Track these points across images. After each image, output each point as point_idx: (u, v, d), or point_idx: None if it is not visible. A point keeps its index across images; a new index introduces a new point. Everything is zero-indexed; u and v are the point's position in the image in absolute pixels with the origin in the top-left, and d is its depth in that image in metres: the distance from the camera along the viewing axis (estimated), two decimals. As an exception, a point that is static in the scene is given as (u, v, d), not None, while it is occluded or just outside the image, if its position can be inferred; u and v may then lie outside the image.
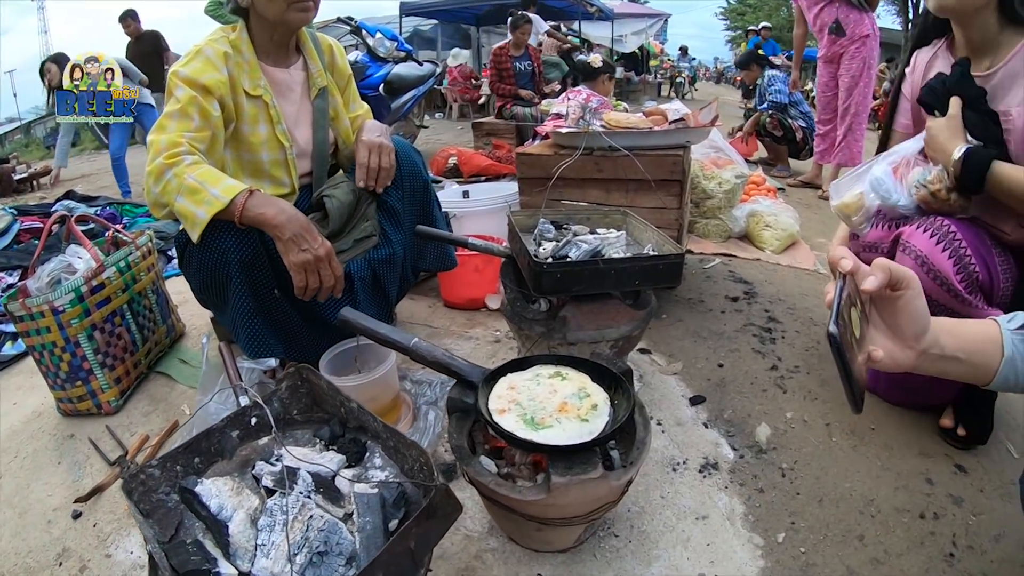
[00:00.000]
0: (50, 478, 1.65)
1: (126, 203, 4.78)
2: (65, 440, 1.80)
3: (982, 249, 1.44)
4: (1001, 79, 1.47)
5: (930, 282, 1.43)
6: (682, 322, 2.23)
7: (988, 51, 1.50)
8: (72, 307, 1.75)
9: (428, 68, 5.73)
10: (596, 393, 1.14)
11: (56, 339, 1.76)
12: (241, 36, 1.70)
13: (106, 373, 1.84)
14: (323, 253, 1.47)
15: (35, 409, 1.99)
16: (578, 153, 2.06)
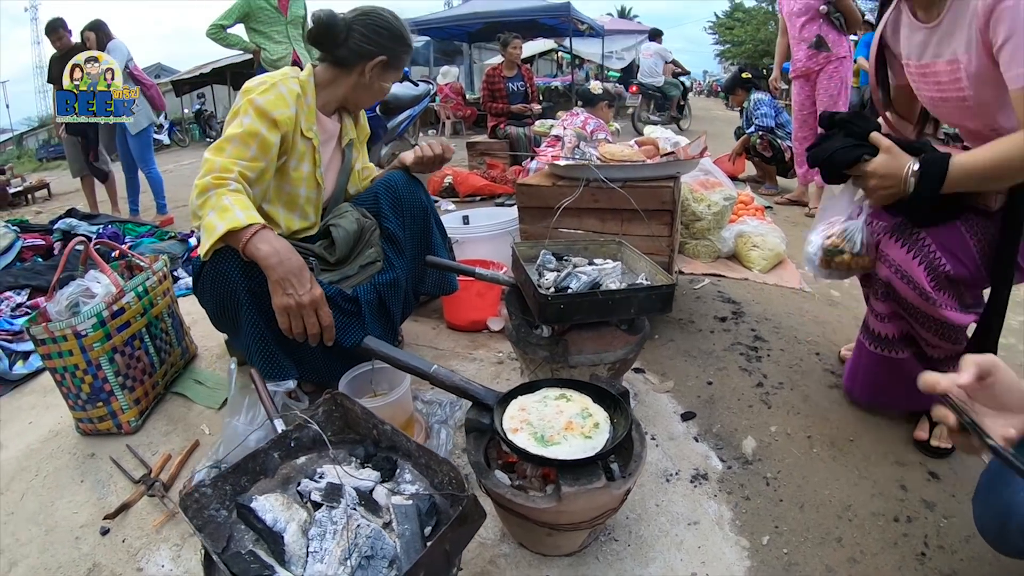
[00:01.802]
0: (74, 496, 1.71)
1: (128, 222, 4.82)
2: (86, 459, 1.86)
3: (954, 243, 1.51)
4: (947, 25, 1.48)
5: (905, 287, 1.54)
6: (674, 342, 2.34)
7: (933, 3, 1.51)
8: (94, 331, 1.82)
9: (423, 88, 5.81)
10: (597, 413, 1.27)
11: (78, 362, 1.83)
12: (309, 82, 1.85)
13: (126, 394, 1.91)
14: (307, 300, 1.54)
15: (52, 428, 2.05)
16: (579, 191, 2.19)
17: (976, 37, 1.39)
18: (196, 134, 20.16)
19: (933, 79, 1.56)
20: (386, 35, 1.87)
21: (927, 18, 1.54)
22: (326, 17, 1.86)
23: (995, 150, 1.38)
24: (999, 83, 1.38)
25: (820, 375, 2.13)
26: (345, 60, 1.87)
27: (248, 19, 4.68)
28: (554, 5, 12.20)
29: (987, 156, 1.38)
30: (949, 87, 1.51)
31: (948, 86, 1.52)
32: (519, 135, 5.99)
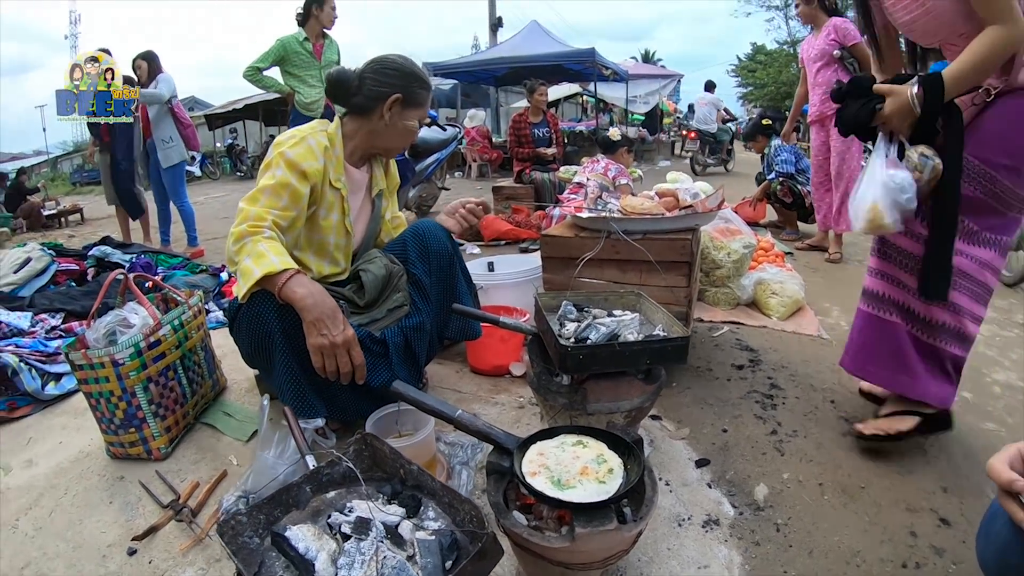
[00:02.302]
0: (103, 516, 1.75)
1: (161, 252, 4.91)
2: (115, 481, 1.91)
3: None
4: None
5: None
6: (690, 390, 2.37)
7: None
8: (131, 360, 1.89)
9: (451, 132, 5.96)
10: (612, 459, 1.32)
11: (114, 389, 1.90)
12: (336, 134, 1.97)
13: (158, 422, 1.97)
14: (340, 341, 1.65)
15: (82, 449, 2.10)
16: (600, 245, 2.28)
17: None
18: (227, 167, 20.58)
19: (900, 3, 1.79)
20: (396, 74, 1.96)
21: None
22: (336, 73, 2.00)
23: (972, 51, 1.64)
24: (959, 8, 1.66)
25: (834, 423, 2.15)
26: (363, 107, 1.97)
27: (284, 63, 4.84)
28: (579, 51, 12.50)
29: (968, 59, 1.64)
30: (913, 5, 1.75)
31: (912, 5, 1.75)
32: (544, 180, 6.11)
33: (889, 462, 1.94)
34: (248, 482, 1.63)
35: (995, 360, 2.88)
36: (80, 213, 11.33)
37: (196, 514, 1.70)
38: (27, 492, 1.91)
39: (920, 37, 1.91)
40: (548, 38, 13.62)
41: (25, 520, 1.78)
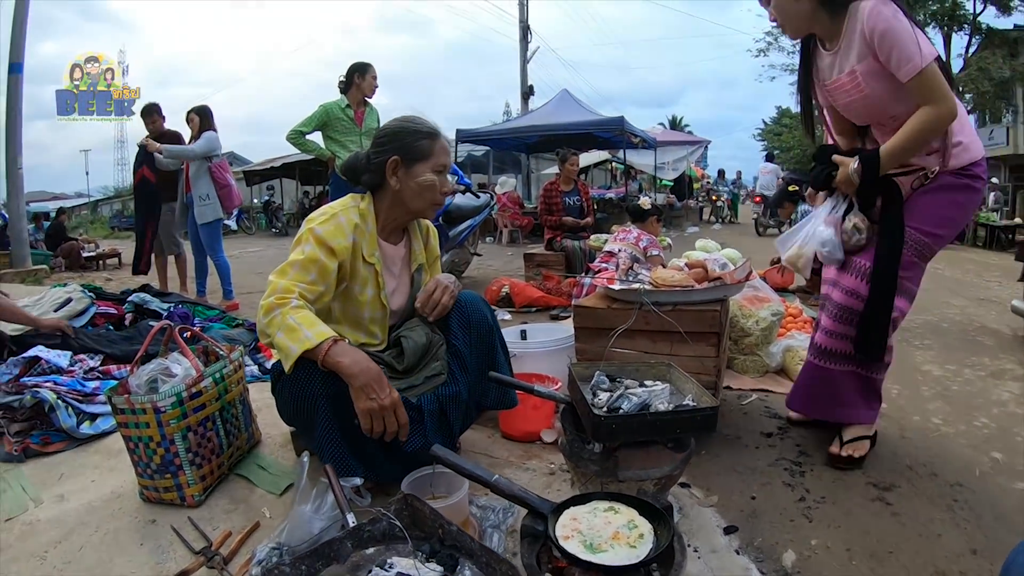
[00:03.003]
0: (133, 556, 1.77)
1: (198, 304, 4.98)
2: (147, 524, 1.92)
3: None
4: (843, 48, 2.06)
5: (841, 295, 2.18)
6: (719, 457, 2.38)
7: (832, 35, 2.10)
8: (172, 409, 1.93)
9: (484, 199, 6.07)
10: (642, 525, 1.36)
11: (154, 435, 1.94)
12: (368, 209, 2.02)
13: (194, 470, 2.00)
14: (388, 403, 1.71)
15: (114, 490, 2.13)
16: (632, 318, 2.34)
17: (864, 49, 1.98)
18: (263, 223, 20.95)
19: (842, 89, 2.13)
20: (388, 138, 2.01)
21: (831, 46, 2.12)
22: (348, 159, 2.10)
23: (906, 130, 1.96)
24: (886, 78, 1.97)
25: (862, 488, 2.14)
26: (374, 181, 2.03)
27: (326, 128, 5.03)
28: (609, 119, 12.67)
29: (902, 136, 1.97)
30: (853, 91, 2.09)
31: (852, 91, 2.09)
32: (575, 248, 6.19)
33: (916, 525, 1.93)
34: (283, 535, 1.65)
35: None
36: (118, 258, 11.59)
37: (228, 562, 1.72)
38: (57, 526, 1.94)
39: (855, 118, 2.25)
40: (578, 106, 13.91)
41: (55, 553, 1.81)
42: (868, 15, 1.92)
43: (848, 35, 2.03)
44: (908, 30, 1.90)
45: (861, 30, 1.96)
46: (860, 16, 1.96)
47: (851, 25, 2.01)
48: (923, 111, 1.92)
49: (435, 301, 2.05)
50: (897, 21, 1.90)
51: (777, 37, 23.12)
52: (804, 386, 2.40)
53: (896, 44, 1.89)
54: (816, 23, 2.11)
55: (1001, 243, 13.34)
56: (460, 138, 13.41)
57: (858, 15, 1.97)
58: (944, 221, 2.11)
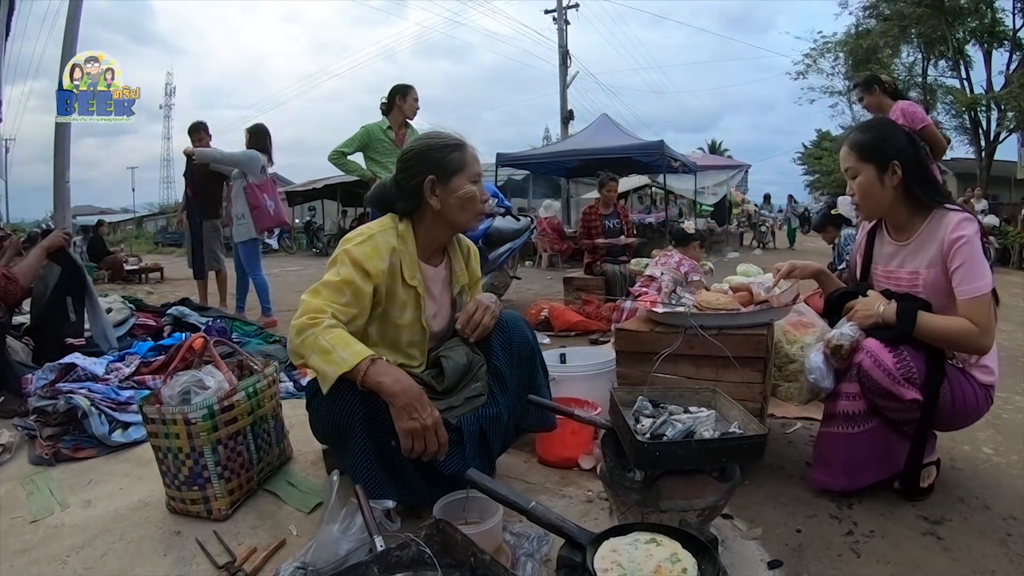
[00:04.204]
0: (155, 567, 1.76)
1: (236, 319, 5.05)
2: (172, 535, 1.92)
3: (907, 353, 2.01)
4: (913, 247, 2.10)
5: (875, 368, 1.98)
6: (763, 488, 2.29)
7: (905, 228, 2.14)
8: (203, 421, 1.93)
9: (524, 222, 6.05)
10: (686, 559, 1.28)
11: (183, 446, 1.94)
12: (407, 232, 1.98)
13: (222, 484, 1.99)
14: (430, 423, 1.68)
15: (142, 499, 2.14)
16: (678, 342, 2.28)
17: (936, 258, 2.01)
18: (304, 243, 21.40)
19: (896, 280, 2.17)
20: (417, 159, 1.98)
21: (899, 238, 2.17)
22: (374, 191, 2.10)
23: (942, 326, 1.98)
24: (946, 294, 2.00)
25: (912, 521, 2.04)
26: (409, 207, 2.00)
27: (367, 149, 5.07)
28: (648, 143, 12.62)
29: (938, 329, 1.98)
30: (907, 287, 2.12)
31: (906, 286, 2.12)
32: (615, 272, 6.13)
33: (969, 561, 1.83)
34: (309, 554, 1.61)
35: None
36: (160, 272, 11.87)
37: (250, 579, 1.69)
38: (82, 531, 1.95)
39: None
40: (618, 131, 13.85)
41: (76, 558, 1.81)
42: (956, 226, 1.97)
43: (923, 237, 2.07)
44: (983, 255, 1.96)
45: (943, 239, 1.99)
46: (946, 224, 2.00)
47: (930, 228, 2.05)
48: (967, 325, 1.94)
49: (476, 322, 2.00)
50: (978, 241, 1.96)
51: (816, 59, 23.05)
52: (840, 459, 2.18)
53: (970, 261, 1.94)
54: (893, 212, 2.15)
55: (1047, 267, 12.97)
56: (500, 162, 13.51)
57: (943, 223, 2.01)
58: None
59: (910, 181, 2.05)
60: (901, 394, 1.96)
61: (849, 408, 2.09)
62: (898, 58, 21.59)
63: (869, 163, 2.07)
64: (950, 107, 21.25)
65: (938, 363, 2.01)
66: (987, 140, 20.25)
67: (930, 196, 2.07)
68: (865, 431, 2.09)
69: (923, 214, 2.07)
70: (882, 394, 1.99)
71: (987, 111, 20.08)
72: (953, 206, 2.05)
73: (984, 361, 2.07)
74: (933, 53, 20.96)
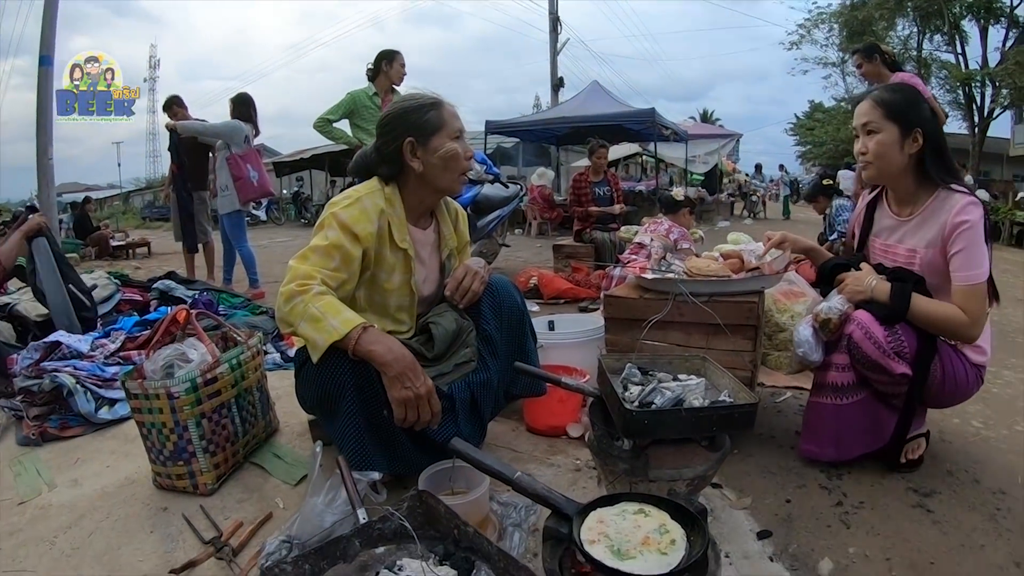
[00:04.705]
0: (141, 544, 1.75)
1: (223, 291, 5.03)
2: (159, 511, 1.92)
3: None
4: (916, 224, 2.06)
5: (866, 341, 1.96)
6: (752, 457, 2.29)
7: (908, 201, 2.10)
8: (186, 395, 1.92)
9: (513, 190, 6.00)
10: (675, 530, 1.26)
11: (167, 420, 1.92)
12: (394, 194, 1.94)
13: (207, 458, 1.98)
14: (423, 392, 1.65)
15: (128, 476, 2.13)
16: (667, 308, 2.25)
17: (936, 238, 1.98)
18: (292, 214, 21.33)
19: (893, 256, 2.14)
20: (393, 123, 1.93)
21: (900, 212, 2.13)
22: (355, 160, 2.06)
23: (934, 311, 1.95)
24: (942, 274, 1.99)
25: (902, 494, 2.05)
26: (392, 171, 1.96)
27: (353, 116, 4.99)
28: (639, 111, 12.61)
29: (929, 314, 1.95)
30: (902, 262, 2.09)
31: (902, 262, 2.09)
32: (604, 240, 6.13)
33: (958, 534, 1.83)
34: (294, 527, 1.60)
35: None
36: (148, 247, 11.80)
37: (237, 553, 1.68)
38: (69, 511, 1.94)
39: None
40: (609, 98, 13.76)
41: (64, 538, 1.80)
42: (961, 209, 1.93)
43: (926, 214, 2.04)
44: (984, 242, 1.93)
45: (945, 220, 1.96)
46: (951, 206, 1.96)
47: (934, 206, 2.02)
48: (957, 312, 1.93)
49: (465, 288, 1.98)
50: (982, 227, 1.93)
51: (810, 29, 22.87)
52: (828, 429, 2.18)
53: (971, 248, 1.92)
54: (899, 181, 2.10)
55: (1039, 243, 13.07)
56: (489, 130, 13.39)
57: (948, 203, 1.98)
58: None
59: (928, 153, 2.00)
60: (891, 368, 1.94)
61: (838, 379, 2.07)
62: (893, 31, 21.32)
63: (894, 123, 2.01)
64: (944, 82, 21.07)
65: (930, 339, 1.99)
66: (980, 116, 20.19)
67: (941, 174, 2.02)
68: (854, 402, 2.07)
69: (929, 190, 2.04)
70: (871, 367, 1.97)
71: (982, 87, 20.00)
72: (960, 188, 2.00)
73: (978, 341, 2.05)
74: (929, 27, 20.72)
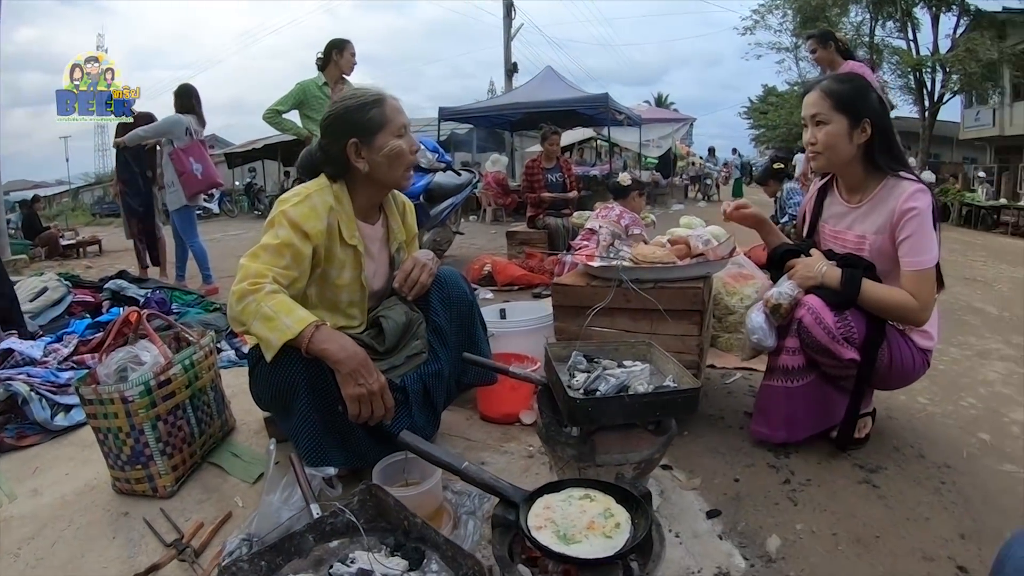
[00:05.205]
0: (104, 551, 1.75)
1: (176, 289, 4.95)
2: (119, 517, 1.91)
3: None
4: (865, 211, 2.10)
5: (816, 326, 1.99)
6: (702, 438, 2.34)
7: (858, 189, 2.15)
8: (141, 398, 1.90)
9: (466, 177, 6.00)
10: (619, 513, 1.31)
11: (123, 425, 1.91)
12: (342, 191, 1.95)
13: (165, 460, 1.97)
14: (376, 388, 1.68)
15: (88, 482, 2.11)
16: (610, 296, 2.30)
17: (885, 225, 2.02)
18: (245, 206, 20.92)
19: (842, 242, 2.18)
20: (335, 123, 1.93)
21: (850, 199, 2.17)
22: (301, 158, 2.06)
23: (884, 296, 1.99)
24: (890, 259, 2.03)
25: (848, 470, 2.12)
26: (338, 170, 1.96)
27: (303, 106, 4.92)
28: (593, 96, 12.65)
29: (879, 299, 1.99)
30: (852, 249, 2.13)
31: (851, 248, 2.13)
32: (558, 226, 6.14)
33: (903, 508, 1.91)
34: (252, 525, 1.62)
35: (1012, 399, 2.85)
36: (99, 244, 11.50)
37: (199, 554, 1.69)
38: (31, 521, 1.92)
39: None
40: (562, 83, 13.85)
41: (27, 549, 1.79)
42: (909, 196, 1.97)
43: (875, 201, 2.08)
44: (933, 229, 1.98)
45: (894, 207, 2.00)
46: (899, 193, 2.00)
47: (882, 195, 2.06)
48: (907, 297, 1.97)
49: (413, 280, 2.00)
50: (930, 214, 1.97)
51: (764, 15, 23.18)
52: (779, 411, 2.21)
53: (919, 233, 1.96)
54: (848, 170, 2.14)
55: (986, 223, 13.62)
56: (442, 116, 13.37)
57: (896, 191, 2.01)
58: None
59: (876, 143, 2.05)
60: (839, 353, 1.99)
61: (789, 362, 2.12)
62: (846, 17, 21.87)
63: (843, 114, 2.04)
64: (896, 67, 21.73)
65: (879, 325, 2.03)
66: (931, 101, 20.90)
67: (888, 162, 2.06)
68: (803, 385, 2.12)
69: (877, 178, 2.08)
70: (821, 351, 2.02)
71: (932, 73, 20.70)
72: (908, 175, 2.05)
73: (925, 326, 2.10)
74: (881, 14, 21.31)
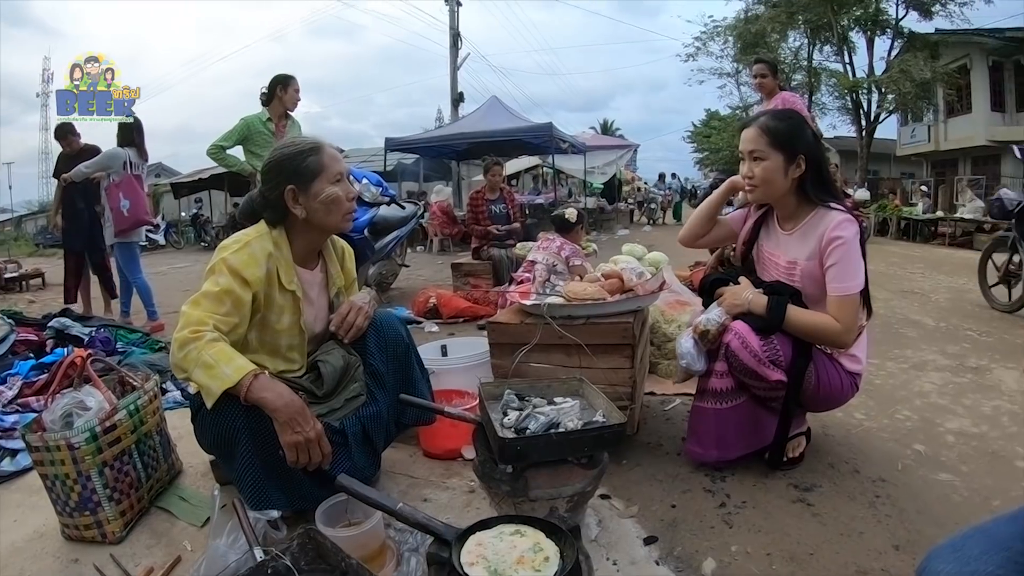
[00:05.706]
0: None
1: (120, 327, 4.83)
2: (69, 563, 1.90)
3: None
4: (797, 238, 2.21)
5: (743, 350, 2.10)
6: (640, 466, 2.40)
7: (791, 217, 2.25)
8: (87, 445, 1.90)
9: (410, 209, 6.03)
10: (548, 547, 1.38)
11: (69, 472, 1.91)
12: (281, 237, 1.99)
13: (113, 506, 1.97)
14: (313, 436, 1.72)
15: (36, 529, 2.09)
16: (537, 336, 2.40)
17: (814, 252, 2.13)
18: (191, 237, 20.47)
19: (775, 265, 2.29)
20: (273, 171, 1.97)
21: (785, 227, 2.28)
22: (243, 207, 2.11)
23: (809, 321, 2.10)
24: (819, 285, 2.13)
25: (783, 490, 2.18)
26: (275, 216, 2.00)
27: (247, 142, 4.89)
28: (538, 125, 12.84)
29: (805, 324, 2.10)
30: (784, 275, 2.25)
31: (783, 274, 2.25)
32: (501, 257, 6.16)
33: (838, 524, 1.97)
34: (201, 570, 1.63)
35: (947, 408, 2.96)
36: (42, 278, 11.15)
37: (150, 599, 1.68)
38: None
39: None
40: (507, 113, 14.03)
41: None
42: (836, 226, 2.08)
43: (805, 229, 2.20)
44: (859, 257, 2.09)
45: (822, 234, 2.10)
46: (827, 222, 2.11)
47: (813, 223, 2.17)
48: (830, 321, 2.07)
49: (349, 323, 2.06)
50: (856, 243, 2.08)
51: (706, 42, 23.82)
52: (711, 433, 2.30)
53: (845, 261, 2.06)
54: (782, 201, 2.25)
55: (924, 235, 14.14)
56: (389, 147, 13.44)
57: (825, 220, 2.12)
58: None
59: (809, 176, 2.15)
60: (766, 375, 2.08)
61: (719, 385, 2.21)
62: (785, 43, 22.86)
63: (779, 151, 2.13)
64: (833, 89, 22.84)
65: (804, 348, 2.13)
66: (868, 120, 21.96)
67: (819, 194, 2.17)
68: (733, 406, 2.21)
69: (809, 208, 2.19)
70: (748, 374, 2.11)
71: (868, 94, 21.78)
72: (838, 206, 2.15)
73: (853, 351, 2.21)
74: (819, 38, 22.46)
